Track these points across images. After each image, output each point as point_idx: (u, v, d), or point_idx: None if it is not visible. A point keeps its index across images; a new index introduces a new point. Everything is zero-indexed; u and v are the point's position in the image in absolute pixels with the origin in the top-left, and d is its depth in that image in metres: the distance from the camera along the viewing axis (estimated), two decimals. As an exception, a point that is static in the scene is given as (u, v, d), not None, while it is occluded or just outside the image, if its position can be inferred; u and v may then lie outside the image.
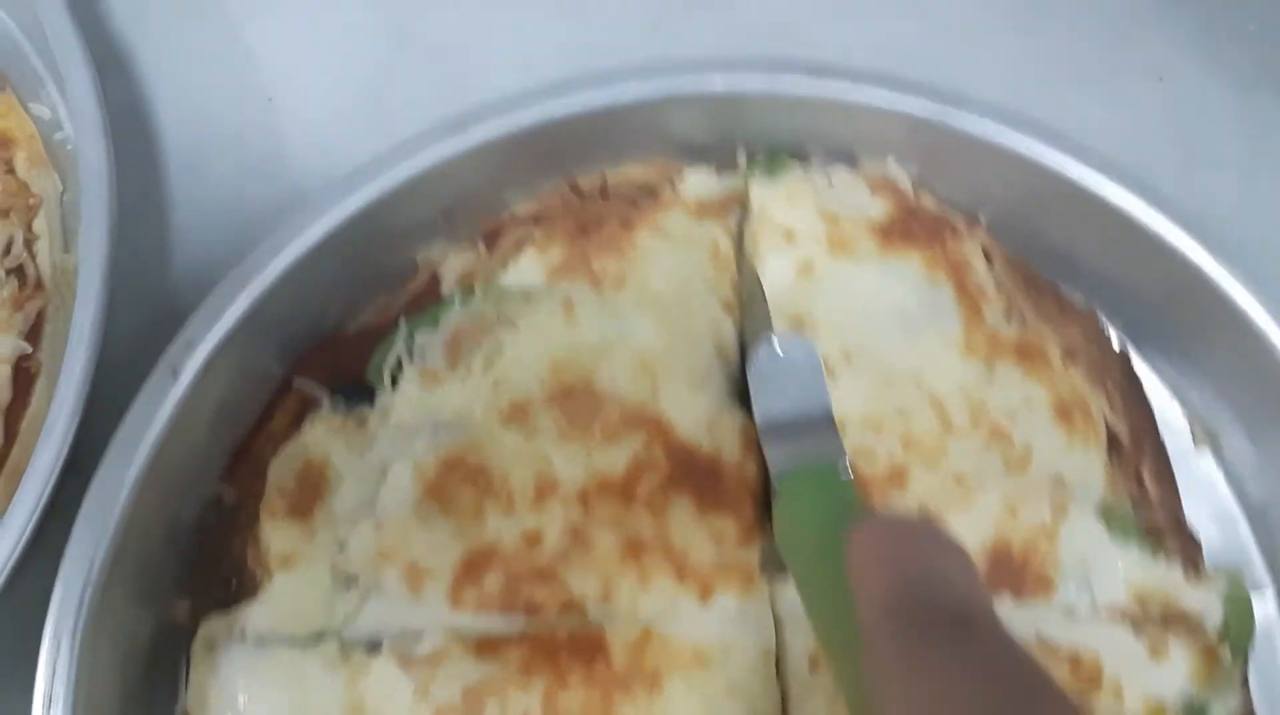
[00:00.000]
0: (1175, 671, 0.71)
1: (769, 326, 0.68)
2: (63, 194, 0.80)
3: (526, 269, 0.77)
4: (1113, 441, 0.78)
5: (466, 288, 0.76)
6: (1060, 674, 0.69)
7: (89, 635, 0.63)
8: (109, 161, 0.73)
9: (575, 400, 0.72)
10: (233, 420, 0.73)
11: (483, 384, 0.73)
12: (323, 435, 0.72)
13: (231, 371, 0.70)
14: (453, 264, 0.78)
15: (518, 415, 0.72)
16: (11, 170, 0.79)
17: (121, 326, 0.72)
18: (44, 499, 0.64)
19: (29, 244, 0.77)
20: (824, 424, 0.63)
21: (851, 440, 0.72)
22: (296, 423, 0.74)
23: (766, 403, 0.63)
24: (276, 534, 0.70)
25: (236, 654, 0.68)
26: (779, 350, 0.64)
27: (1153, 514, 0.77)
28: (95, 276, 0.69)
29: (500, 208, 0.79)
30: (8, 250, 0.76)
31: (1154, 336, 0.82)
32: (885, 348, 0.75)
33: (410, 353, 0.74)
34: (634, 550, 0.69)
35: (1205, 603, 0.73)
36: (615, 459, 0.71)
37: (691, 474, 0.71)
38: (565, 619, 0.68)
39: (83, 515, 0.65)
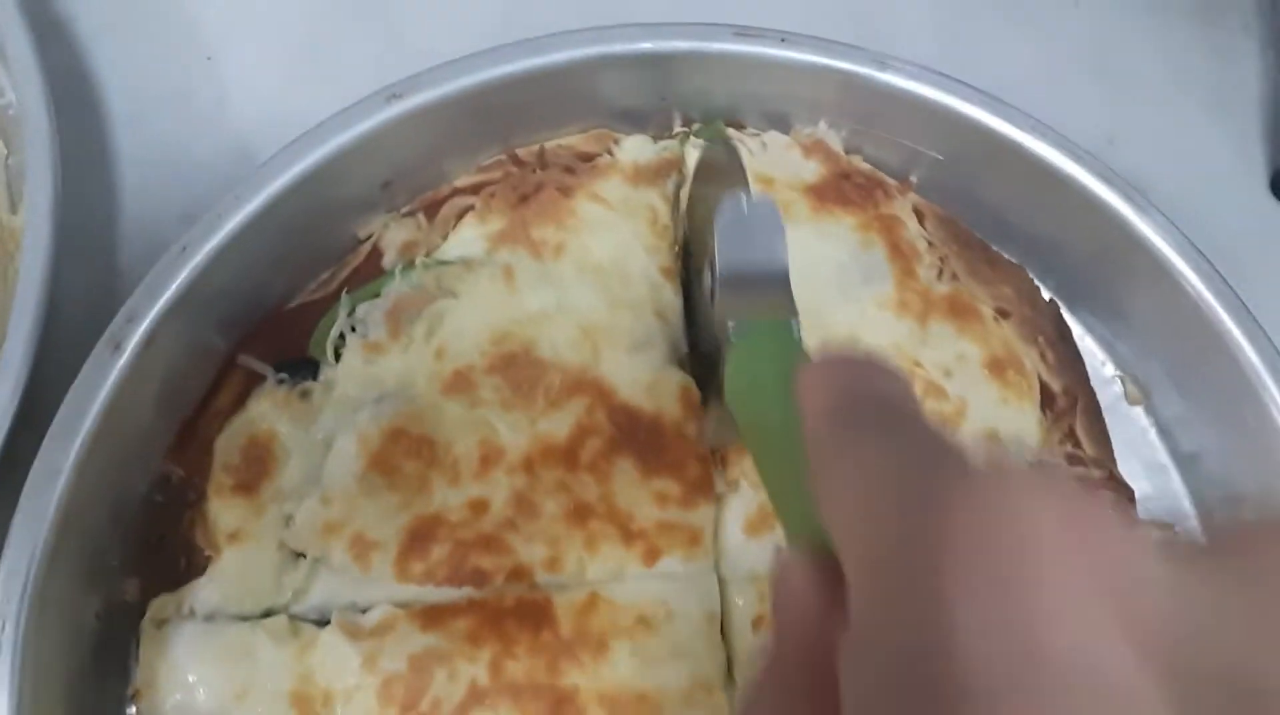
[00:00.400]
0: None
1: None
2: (7, 158, 0.79)
3: (467, 239, 0.76)
4: (1046, 396, 0.79)
5: (407, 259, 0.76)
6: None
7: (34, 619, 0.62)
8: (51, 123, 0.72)
9: (517, 368, 0.73)
10: (178, 398, 0.73)
11: (425, 354, 0.73)
12: (268, 410, 0.72)
13: (175, 347, 0.69)
14: (393, 236, 0.77)
15: (460, 384, 0.72)
16: None
17: (70, 285, 0.71)
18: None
19: None
20: (780, 282, 0.62)
21: (790, 400, 0.73)
22: (242, 399, 0.74)
23: (727, 254, 0.62)
24: (224, 511, 0.70)
25: (186, 631, 0.67)
26: (744, 207, 0.62)
27: (1087, 469, 0.78)
28: (42, 238, 0.68)
29: (440, 179, 0.78)
30: None
31: (1084, 294, 0.83)
32: (822, 308, 0.75)
33: (352, 325, 0.74)
34: (580, 515, 0.70)
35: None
36: (558, 425, 0.71)
37: (634, 437, 0.71)
38: (512, 587, 0.68)
39: (25, 496, 0.64)
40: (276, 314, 0.76)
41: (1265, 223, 0.79)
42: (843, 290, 0.76)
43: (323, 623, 0.68)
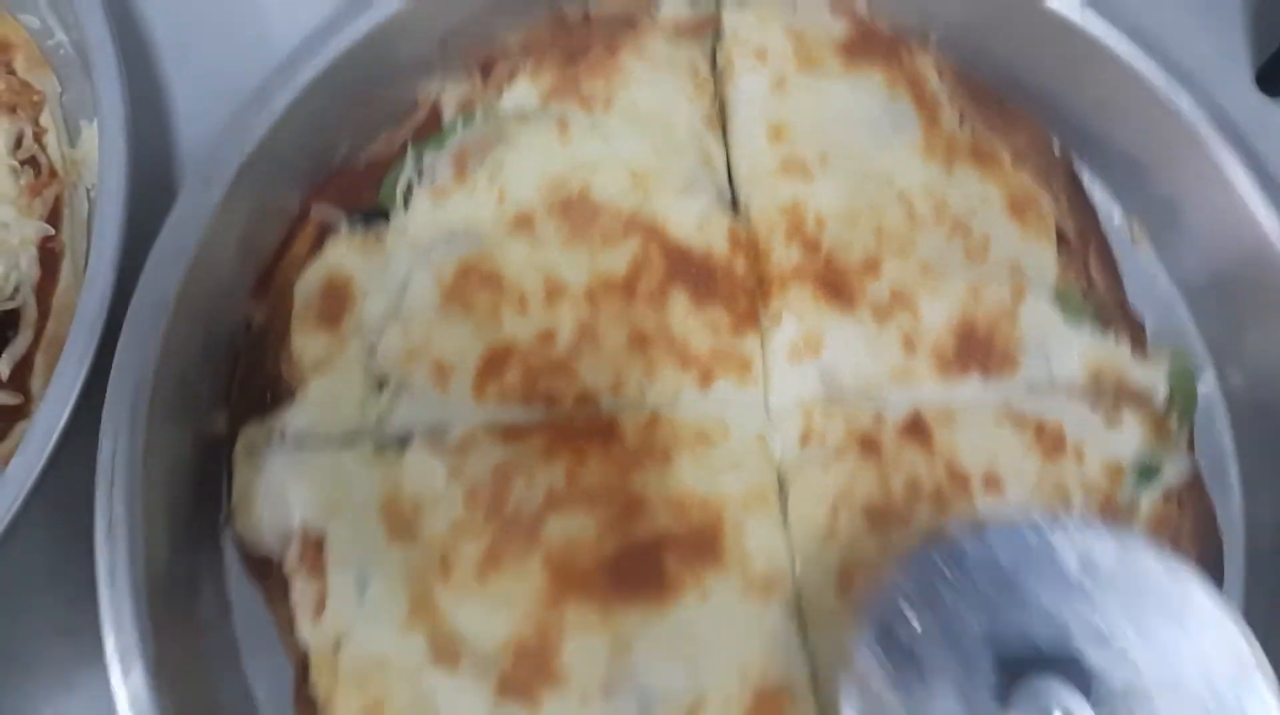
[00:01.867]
0: (1129, 438, 0.76)
1: None
2: (61, 95, 0.82)
3: (521, 95, 0.79)
4: (1060, 237, 0.83)
5: (467, 114, 0.79)
6: (1026, 440, 0.74)
7: (140, 456, 0.66)
8: (118, 54, 0.75)
9: (574, 210, 0.76)
10: (256, 248, 0.75)
11: (488, 198, 0.76)
12: (344, 254, 0.75)
13: (255, 194, 0.72)
14: (451, 95, 0.80)
15: (523, 225, 0.75)
16: (12, 71, 0.81)
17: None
18: (88, 362, 0.67)
19: (38, 137, 0.80)
20: None
21: (831, 233, 0.76)
22: (316, 248, 0.76)
23: None
24: (308, 343, 0.73)
25: (277, 455, 0.70)
26: None
27: (1100, 300, 0.82)
28: (117, 161, 0.71)
29: (492, 38, 0.81)
30: (19, 143, 0.79)
31: (1093, 144, 0.86)
32: (856, 151, 0.79)
33: (419, 174, 0.77)
34: (639, 343, 0.73)
35: (1152, 378, 0.78)
36: (616, 262, 0.75)
37: (686, 271, 0.75)
38: (580, 409, 0.72)
39: (126, 333, 0.67)
40: (345, 170, 0.79)
41: (1251, 115, 0.82)
42: (875, 138, 0.80)
43: (404, 444, 0.71)
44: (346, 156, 0.78)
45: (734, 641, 0.67)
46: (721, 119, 0.80)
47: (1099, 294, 0.82)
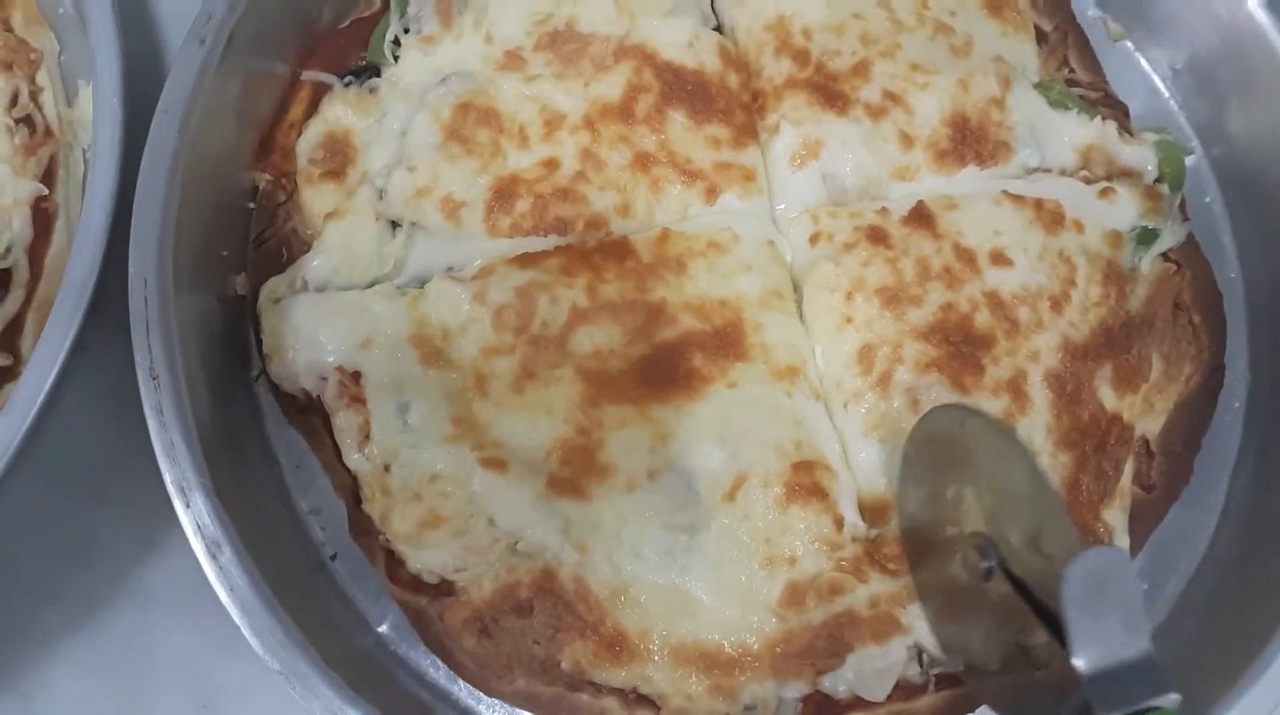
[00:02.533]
0: (1125, 208, 0.79)
1: (1074, 539, 0.57)
2: (60, 54, 0.82)
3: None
4: (1040, 35, 0.86)
5: (443, -37, 0.82)
6: (1027, 217, 0.77)
7: (170, 305, 0.68)
8: (115, 12, 0.75)
9: (562, 42, 0.78)
10: (253, 118, 0.78)
11: (475, 40, 0.78)
12: (340, 111, 0.77)
13: (246, 59, 0.74)
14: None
15: (513, 63, 0.78)
16: (10, 28, 0.81)
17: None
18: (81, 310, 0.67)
19: (34, 96, 0.80)
20: (1147, 662, 0.53)
21: (818, 44, 0.79)
22: (312, 111, 0.79)
23: (1088, 640, 0.53)
24: (317, 196, 0.76)
25: (302, 301, 0.73)
26: (1095, 567, 0.53)
27: (1083, 90, 0.85)
28: (111, 121, 0.72)
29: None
30: (15, 101, 0.79)
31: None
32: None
33: (405, 27, 0.79)
34: (642, 163, 0.76)
35: (1141, 154, 0.81)
36: (610, 87, 0.77)
37: (681, 90, 0.77)
38: (591, 233, 0.75)
39: (140, 192, 0.69)
40: (331, 33, 0.81)
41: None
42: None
43: (424, 284, 0.74)
44: (331, 22, 0.80)
45: (766, 423, 0.71)
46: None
47: (1082, 84, 0.84)
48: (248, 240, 0.77)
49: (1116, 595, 0.53)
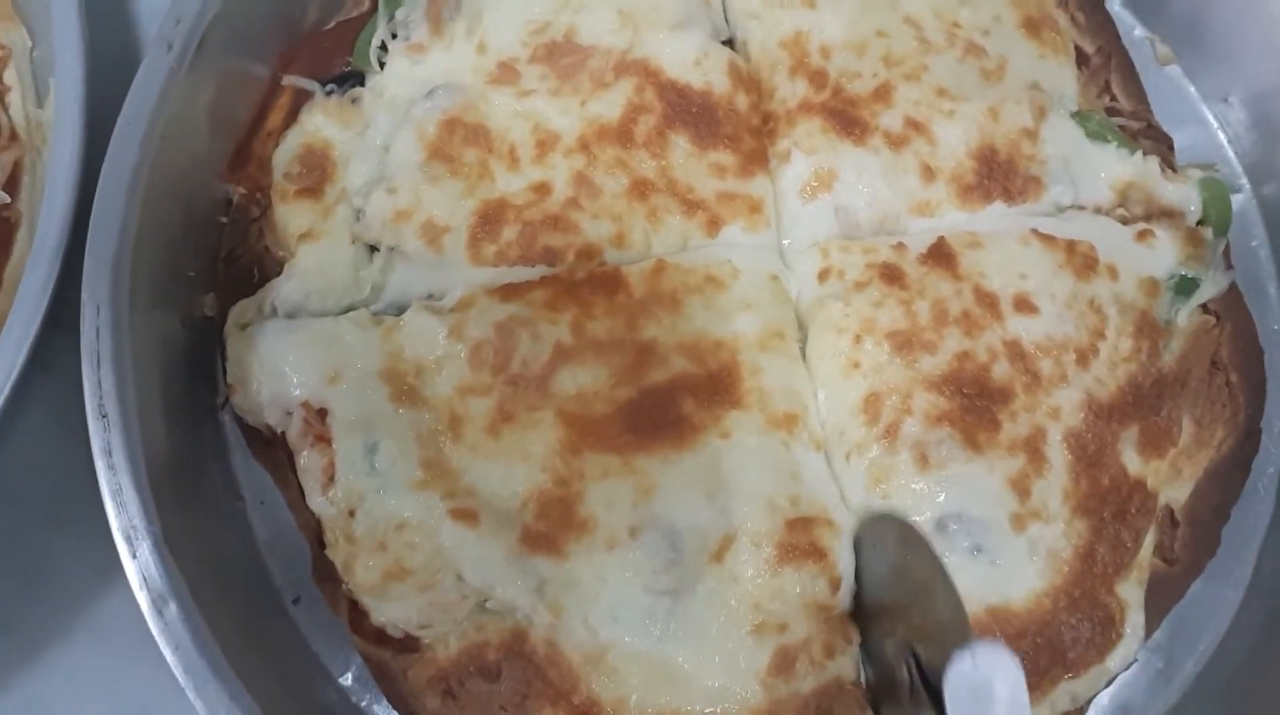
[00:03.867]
0: (1164, 253, 0.76)
1: (964, 629, 0.58)
2: (32, 50, 0.79)
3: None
4: (1080, 57, 0.82)
5: (437, -34, 0.79)
6: (1056, 259, 0.73)
7: (125, 335, 0.65)
8: (81, 8, 0.73)
9: (560, 55, 0.76)
10: (228, 123, 0.76)
11: (467, 49, 0.76)
12: (320, 121, 0.75)
13: (220, 63, 0.72)
14: (422, -52, 0.79)
15: (506, 75, 0.75)
16: None
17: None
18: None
19: (1, 96, 0.77)
20: None
21: (837, 64, 0.76)
22: (291, 118, 0.77)
23: None
24: (291, 214, 0.74)
25: (270, 328, 0.72)
26: (976, 666, 0.54)
27: (1125, 119, 0.81)
28: (73, 121, 0.70)
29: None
30: None
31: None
32: (860, -28, 0.78)
33: (393, 32, 0.77)
34: (640, 190, 0.74)
35: (1183, 194, 0.78)
36: (609, 106, 0.75)
37: (686, 112, 0.75)
38: (582, 264, 0.72)
39: (98, 206, 0.67)
40: (315, 35, 0.79)
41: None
42: (875, -40, 0.79)
43: (401, 312, 0.72)
44: (315, 23, 0.79)
45: (760, 477, 0.69)
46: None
47: (1123, 114, 0.80)
48: (217, 258, 0.74)
49: (1002, 695, 0.53)
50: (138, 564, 0.62)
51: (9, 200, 0.75)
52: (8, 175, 0.75)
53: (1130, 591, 0.72)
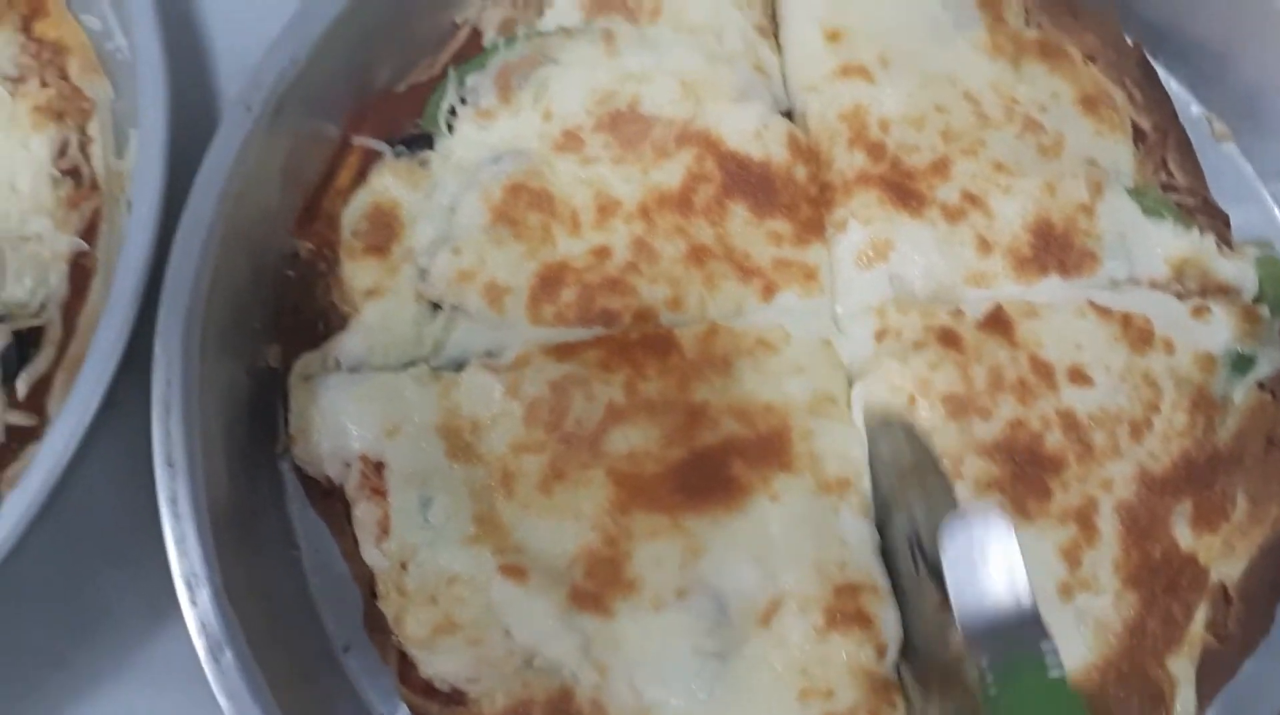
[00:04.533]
0: (1219, 329, 0.76)
1: (951, 500, 0.63)
2: (114, 101, 0.81)
3: (563, 10, 0.81)
4: (1137, 133, 0.82)
5: (508, 35, 0.80)
6: (1112, 332, 0.73)
7: (195, 385, 0.67)
8: (166, 66, 0.74)
9: (623, 124, 0.77)
10: (299, 179, 0.77)
11: (534, 117, 0.77)
12: (389, 181, 0.76)
13: (295, 122, 0.74)
14: (490, 16, 0.81)
15: (571, 143, 0.76)
16: (65, 76, 0.80)
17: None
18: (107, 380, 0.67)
19: (83, 147, 0.79)
20: (1027, 612, 0.56)
21: (895, 137, 0.77)
22: (360, 177, 0.78)
23: (964, 593, 0.56)
24: (359, 271, 0.75)
25: (333, 381, 0.72)
26: (971, 528, 0.56)
27: (1181, 196, 0.81)
28: (154, 178, 0.71)
29: (531, -39, 0.83)
30: (63, 152, 0.78)
31: (1169, 34, 0.85)
32: (919, 52, 0.79)
33: (462, 97, 0.78)
34: (698, 256, 0.74)
35: (1239, 272, 0.78)
36: (670, 174, 0.76)
37: (745, 181, 0.76)
38: (638, 326, 0.73)
39: (174, 261, 0.68)
40: (386, 96, 0.80)
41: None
42: (937, 36, 0.80)
43: (459, 368, 0.73)
44: (387, 84, 0.80)
45: (808, 541, 0.68)
46: (773, 27, 0.80)
47: (1179, 190, 0.80)
48: (282, 309, 0.75)
49: (997, 555, 0.56)
50: (197, 611, 0.63)
51: (87, 248, 0.76)
52: (87, 224, 0.77)
53: (1181, 667, 0.70)
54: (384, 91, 0.80)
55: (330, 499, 0.73)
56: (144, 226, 0.69)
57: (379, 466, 0.70)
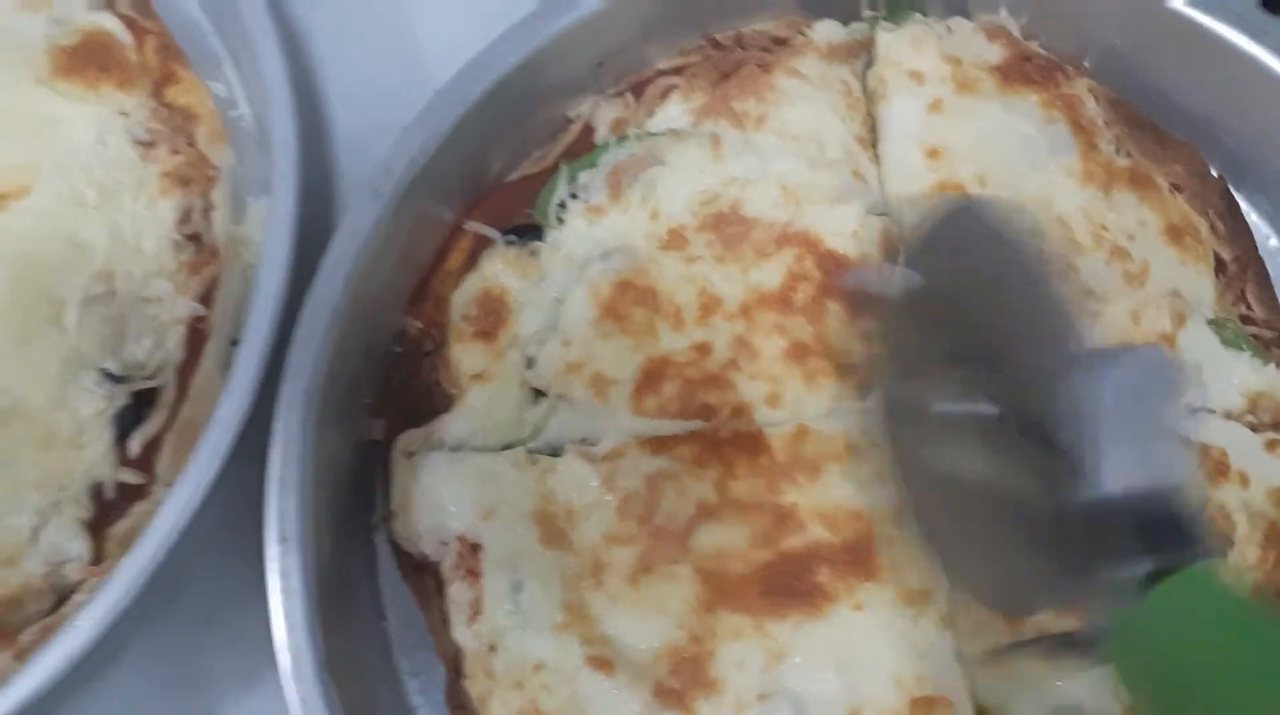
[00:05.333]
0: (1294, 467, 0.75)
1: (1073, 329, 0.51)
2: (235, 168, 0.83)
3: (673, 114, 0.82)
4: (1218, 264, 0.83)
5: (619, 133, 0.82)
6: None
7: (310, 462, 0.69)
8: (298, 137, 0.76)
9: (727, 225, 0.78)
10: (413, 262, 0.79)
11: (641, 215, 0.78)
12: (500, 268, 0.78)
13: (416, 207, 0.75)
14: (603, 114, 0.83)
15: (676, 241, 0.78)
16: (193, 143, 0.82)
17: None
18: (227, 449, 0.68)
19: (206, 213, 0.81)
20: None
21: (989, 257, 0.78)
22: (469, 262, 0.79)
23: (1120, 463, 0.44)
24: (466, 355, 0.76)
25: (434, 460, 0.73)
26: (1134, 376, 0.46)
27: (1259, 329, 0.82)
28: (282, 251, 0.73)
29: (645, 60, 0.84)
30: (187, 218, 0.80)
31: (1251, 166, 0.86)
32: (1014, 174, 0.80)
33: (573, 192, 0.80)
34: (798, 354, 0.75)
35: (1314, 407, 0.78)
36: (770, 274, 0.77)
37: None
38: (735, 421, 0.74)
39: (297, 343, 0.70)
40: (499, 186, 0.82)
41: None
42: (1031, 160, 0.81)
43: (555, 452, 0.74)
44: (500, 173, 0.81)
45: (888, 652, 0.69)
46: (873, 138, 0.81)
47: (1257, 322, 0.81)
48: (389, 386, 0.77)
49: (1158, 413, 0.45)
50: (299, 686, 0.64)
51: (205, 313, 0.78)
52: (205, 289, 0.78)
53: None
54: (497, 180, 0.82)
55: (422, 573, 0.74)
56: (270, 302, 0.70)
57: (475, 547, 0.71)
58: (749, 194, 0.78)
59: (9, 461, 0.73)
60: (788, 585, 0.70)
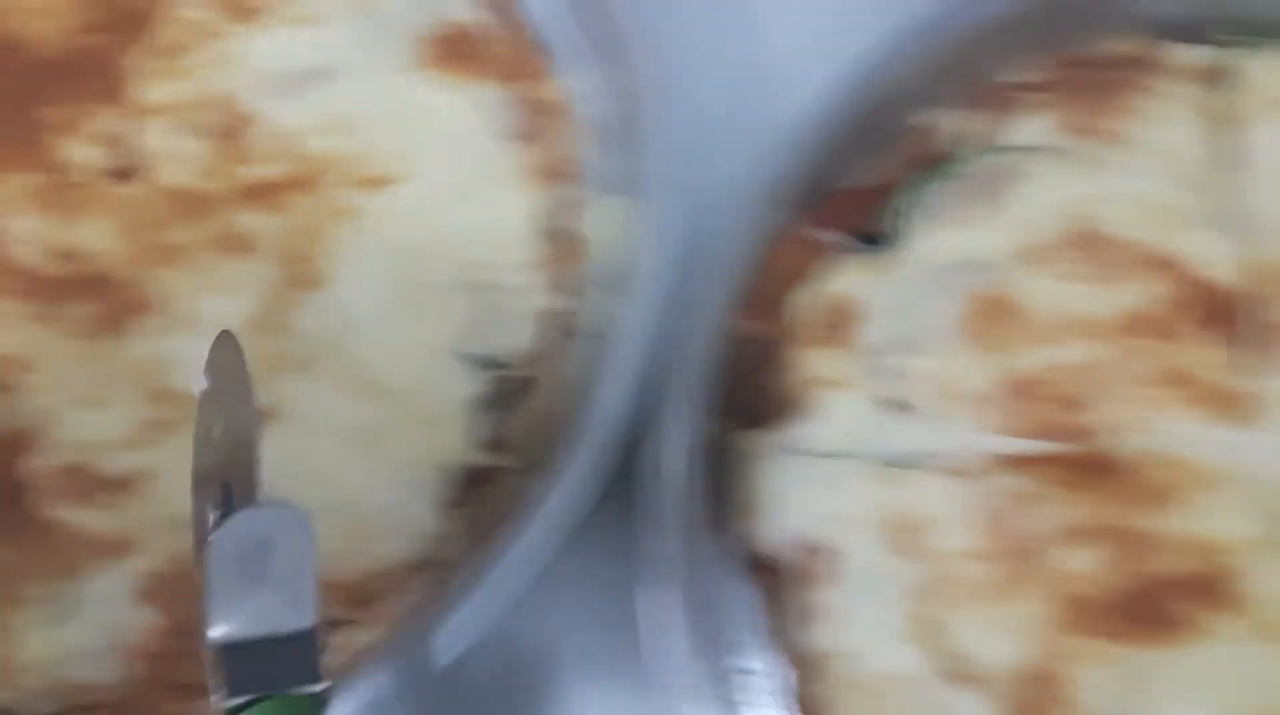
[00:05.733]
0: None
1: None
2: (596, 165, 0.84)
3: (1030, 129, 0.80)
4: None
5: (972, 147, 0.81)
6: None
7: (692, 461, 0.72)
8: (672, 141, 0.77)
9: (1086, 244, 0.76)
10: (761, 266, 0.79)
11: (998, 229, 0.77)
12: (848, 275, 0.78)
13: (779, 216, 0.77)
14: (961, 126, 0.82)
15: (1035, 258, 0.76)
16: (557, 139, 0.84)
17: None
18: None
19: (570, 208, 0.83)
20: (305, 641, 0.46)
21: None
22: (818, 269, 0.79)
23: (228, 615, 0.45)
24: (813, 359, 0.76)
25: (788, 464, 0.74)
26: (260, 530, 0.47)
27: None
28: (662, 258, 0.75)
29: (997, 74, 0.83)
30: (551, 212, 0.82)
31: None
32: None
33: (926, 202, 0.79)
34: (1163, 380, 0.73)
35: None
36: (1130, 295, 0.75)
37: (1203, 306, 0.74)
38: (1088, 443, 0.72)
39: (679, 357, 0.73)
40: (849, 192, 0.82)
41: None
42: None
43: (906, 466, 0.74)
44: (851, 180, 0.81)
45: (1242, 685, 0.67)
46: (1233, 164, 0.78)
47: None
48: (734, 389, 0.77)
49: (282, 563, 0.46)
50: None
51: (574, 308, 0.81)
52: (571, 285, 0.81)
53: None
54: (847, 187, 0.82)
55: (766, 573, 0.74)
56: (646, 310, 0.73)
57: (826, 553, 0.71)
58: (1111, 212, 0.76)
59: (377, 439, 0.76)
60: (1138, 612, 0.68)
